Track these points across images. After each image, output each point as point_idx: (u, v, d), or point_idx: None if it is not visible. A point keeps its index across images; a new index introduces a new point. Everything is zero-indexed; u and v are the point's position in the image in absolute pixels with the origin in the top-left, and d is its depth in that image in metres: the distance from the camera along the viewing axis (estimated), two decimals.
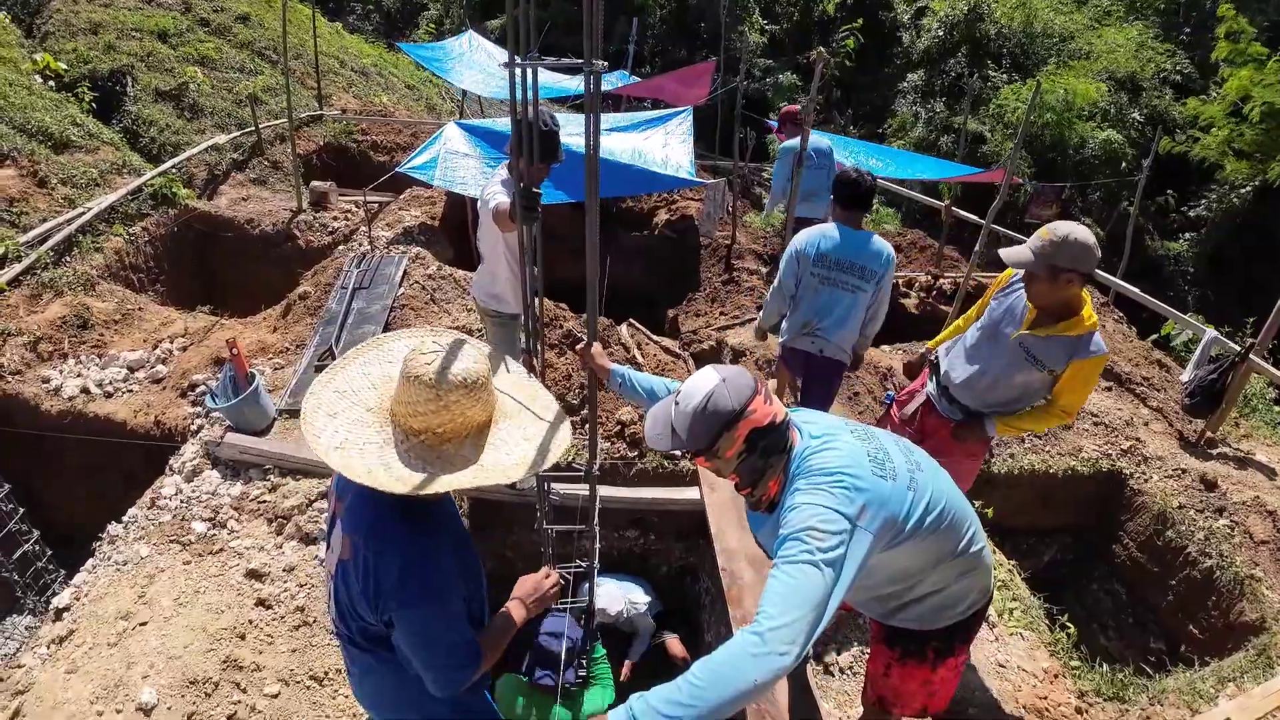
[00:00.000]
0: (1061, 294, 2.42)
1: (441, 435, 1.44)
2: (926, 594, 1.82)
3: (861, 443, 1.66)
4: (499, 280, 3.14)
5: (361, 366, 1.61)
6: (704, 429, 1.57)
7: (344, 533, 1.56)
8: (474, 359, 1.48)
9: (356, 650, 1.67)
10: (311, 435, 1.44)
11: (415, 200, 6.64)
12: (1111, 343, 6.57)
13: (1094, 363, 2.50)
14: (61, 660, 2.84)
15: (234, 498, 3.49)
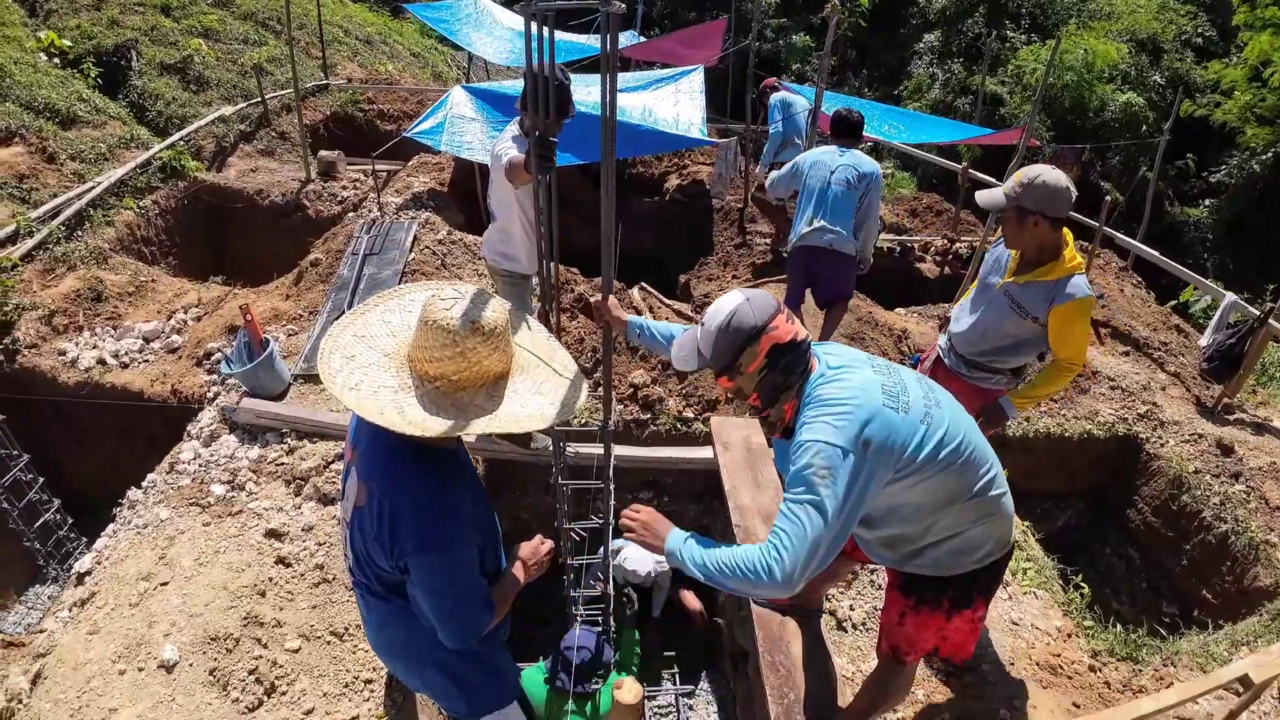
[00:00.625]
0: (1032, 237, 2.46)
1: (457, 383, 1.44)
2: (942, 538, 1.80)
3: (878, 375, 1.69)
4: (512, 239, 3.11)
5: (381, 314, 1.60)
6: (728, 345, 1.65)
7: (359, 479, 1.56)
8: (494, 308, 1.47)
9: (373, 598, 1.68)
10: (327, 375, 1.44)
11: (424, 167, 6.60)
12: (1130, 307, 6.48)
13: (1074, 306, 2.47)
14: (83, 622, 2.88)
15: (252, 461, 3.52)
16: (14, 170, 5.79)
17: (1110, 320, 6.25)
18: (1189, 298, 7.23)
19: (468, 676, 1.78)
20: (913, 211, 8.02)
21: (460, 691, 1.79)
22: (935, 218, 7.84)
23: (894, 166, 11.45)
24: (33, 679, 2.68)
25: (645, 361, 4.21)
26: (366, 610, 1.75)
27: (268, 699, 2.63)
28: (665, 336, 2.11)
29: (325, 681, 2.69)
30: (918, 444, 1.62)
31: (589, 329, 4.24)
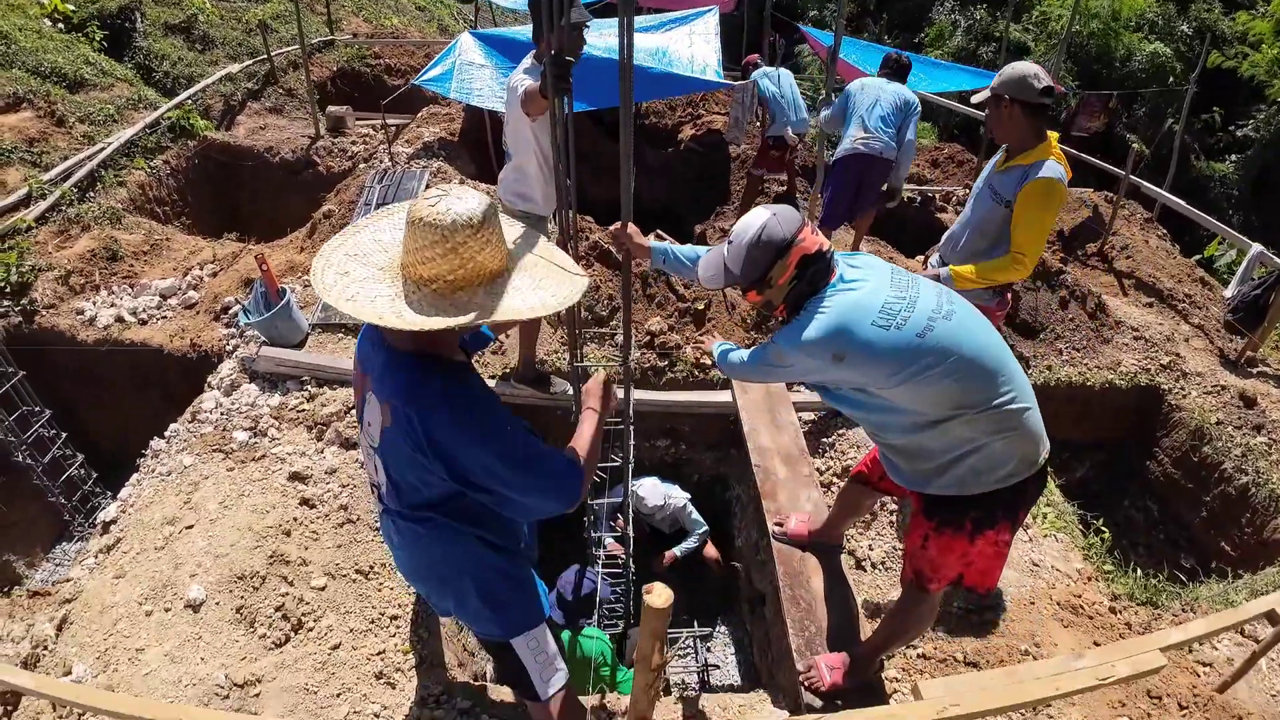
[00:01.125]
0: (1010, 123, 2.67)
1: (453, 282, 1.40)
2: (962, 453, 1.79)
3: (890, 290, 1.75)
4: (528, 177, 3.06)
5: (372, 233, 1.57)
6: (759, 259, 1.74)
7: (381, 401, 1.54)
8: (478, 200, 1.43)
9: (407, 522, 1.68)
10: (322, 289, 1.41)
11: (433, 118, 6.53)
12: (1155, 259, 6.36)
13: (1041, 184, 2.61)
14: (109, 567, 2.91)
15: (273, 408, 3.54)
16: (24, 135, 5.77)
17: (1134, 271, 6.14)
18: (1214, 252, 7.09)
19: (500, 593, 1.79)
20: (934, 162, 7.85)
21: (493, 609, 1.80)
22: (957, 168, 7.67)
23: None
24: (58, 625, 2.72)
25: (662, 309, 4.17)
26: (399, 535, 1.75)
27: (295, 634, 2.68)
28: (690, 259, 2.14)
29: (352, 618, 2.73)
30: (910, 354, 1.70)
31: (605, 276, 4.20)
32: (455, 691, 2.53)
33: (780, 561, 2.62)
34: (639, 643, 1.45)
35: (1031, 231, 2.67)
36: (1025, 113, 2.63)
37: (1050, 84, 2.61)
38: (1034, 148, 2.68)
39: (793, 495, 2.84)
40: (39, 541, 4.48)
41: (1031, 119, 2.65)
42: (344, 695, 2.50)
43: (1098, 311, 5.21)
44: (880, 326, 1.69)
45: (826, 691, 2.27)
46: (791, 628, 2.48)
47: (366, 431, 1.66)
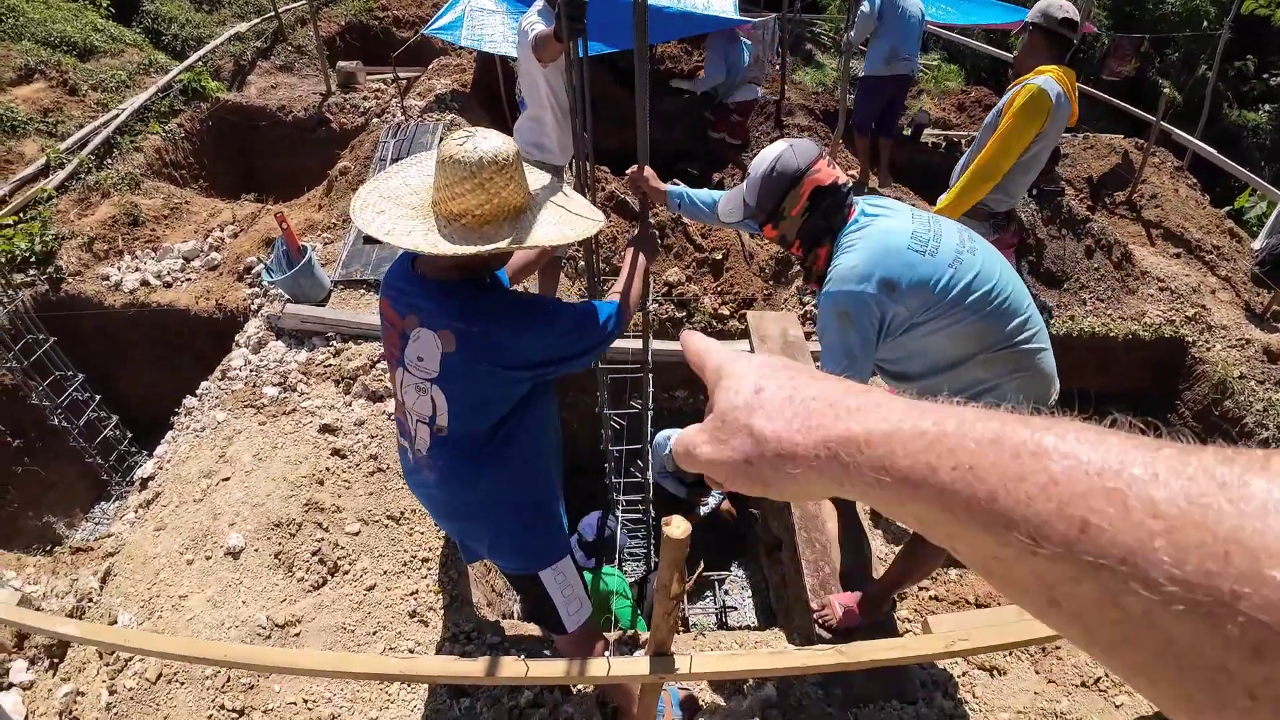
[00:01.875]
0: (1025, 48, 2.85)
1: (481, 216, 1.52)
2: (975, 393, 1.82)
3: (913, 223, 1.75)
4: (544, 126, 3.04)
5: (403, 178, 1.68)
6: (773, 189, 1.76)
7: (436, 330, 1.63)
8: (504, 140, 1.55)
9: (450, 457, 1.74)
10: (362, 223, 1.55)
11: (445, 69, 6.45)
12: (1184, 208, 6.20)
13: (1022, 91, 2.72)
14: (150, 520, 3.03)
15: (300, 363, 3.63)
16: (38, 105, 5.80)
17: (1163, 221, 6.00)
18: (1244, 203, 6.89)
19: (533, 525, 1.88)
20: (960, 105, 7.65)
21: (525, 540, 1.89)
22: (984, 112, 7.44)
23: (940, 58, 10.82)
24: (102, 578, 2.84)
25: (680, 260, 4.17)
26: (439, 474, 1.80)
27: (331, 577, 2.80)
28: (705, 203, 2.15)
29: (385, 561, 2.85)
30: (944, 285, 1.69)
31: (622, 227, 4.20)
32: (485, 628, 2.65)
33: (797, 506, 2.68)
34: (659, 572, 1.52)
35: (1001, 134, 2.76)
36: (1044, 40, 2.74)
37: (1071, 16, 2.65)
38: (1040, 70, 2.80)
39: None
40: (78, 502, 4.63)
41: (1049, 48, 2.75)
42: (379, 633, 2.63)
43: (1124, 261, 5.13)
44: (917, 251, 1.70)
45: (839, 628, 2.35)
46: (806, 569, 2.55)
47: (416, 368, 1.69)
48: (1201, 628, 0.24)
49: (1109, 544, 0.26)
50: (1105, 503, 0.26)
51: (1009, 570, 0.30)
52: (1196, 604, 0.24)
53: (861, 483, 0.36)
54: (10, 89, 5.92)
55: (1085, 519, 0.27)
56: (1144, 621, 0.25)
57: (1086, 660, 2.60)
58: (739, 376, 0.45)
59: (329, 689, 2.43)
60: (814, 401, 0.40)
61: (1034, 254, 5.09)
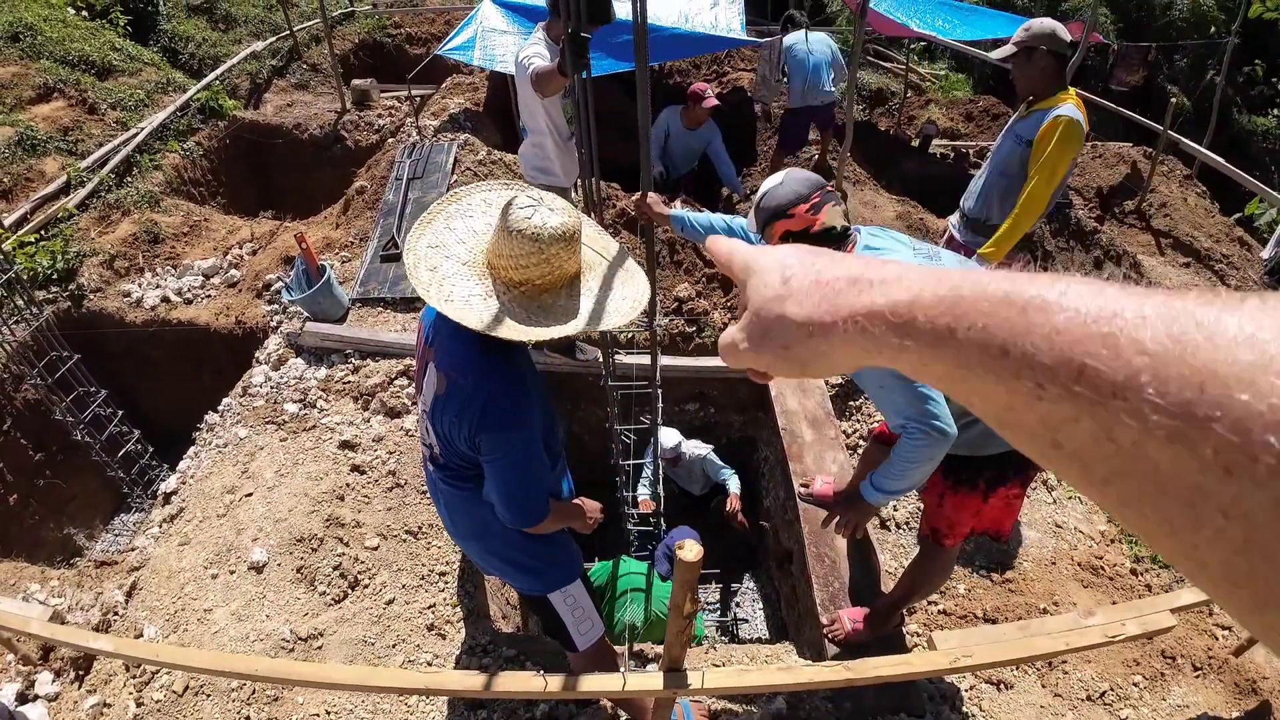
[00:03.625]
0: (1041, 73, 2.82)
1: (540, 286, 1.53)
2: (975, 417, 1.84)
3: (918, 258, 1.79)
4: (546, 152, 3.11)
5: (445, 220, 1.68)
6: (758, 220, 1.83)
7: (439, 371, 1.68)
8: (569, 212, 1.54)
9: (452, 485, 1.83)
10: (422, 289, 1.53)
11: (458, 88, 6.55)
12: (1193, 217, 6.19)
13: (1062, 121, 2.76)
14: (174, 535, 3.11)
15: (320, 380, 3.72)
16: (58, 124, 5.91)
17: (1172, 230, 5.99)
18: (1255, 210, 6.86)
19: (538, 552, 1.94)
20: (968, 115, 7.67)
21: (531, 568, 1.95)
22: (992, 121, 7.49)
23: (948, 68, 10.84)
24: (128, 591, 2.91)
25: (690, 275, 4.24)
26: (447, 497, 1.90)
27: (352, 591, 2.87)
28: (705, 226, 2.24)
29: (403, 575, 2.92)
30: None
31: (632, 244, 4.27)
32: (501, 641, 2.71)
33: (806, 521, 2.73)
34: (671, 592, 1.58)
35: (1047, 167, 2.79)
36: (1055, 63, 2.81)
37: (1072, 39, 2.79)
38: (1056, 95, 2.84)
39: (818, 458, 2.93)
40: (98, 514, 4.71)
41: (1058, 70, 2.84)
42: (399, 646, 2.70)
43: (1132, 272, 5.13)
44: None
45: (848, 642, 2.40)
46: (816, 583, 2.60)
47: (423, 397, 1.79)
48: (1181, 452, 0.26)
49: (1103, 382, 0.29)
50: (1100, 346, 0.29)
51: (1019, 418, 0.33)
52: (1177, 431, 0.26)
53: (889, 350, 0.39)
54: (30, 107, 6.03)
55: (1083, 362, 0.29)
56: (1133, 453, 0.28)
57: (1093, 674, 2.63)
58: (767, 270, 0.47)
59: (351, 701, 2.50)
60: (839, 280, 0.43)
61: (1043, 267, 5.12)
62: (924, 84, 9.62)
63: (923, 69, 10.38)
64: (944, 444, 1.74)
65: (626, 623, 2.64)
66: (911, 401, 1.70)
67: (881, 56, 10.40)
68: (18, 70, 6.25)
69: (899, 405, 1.73)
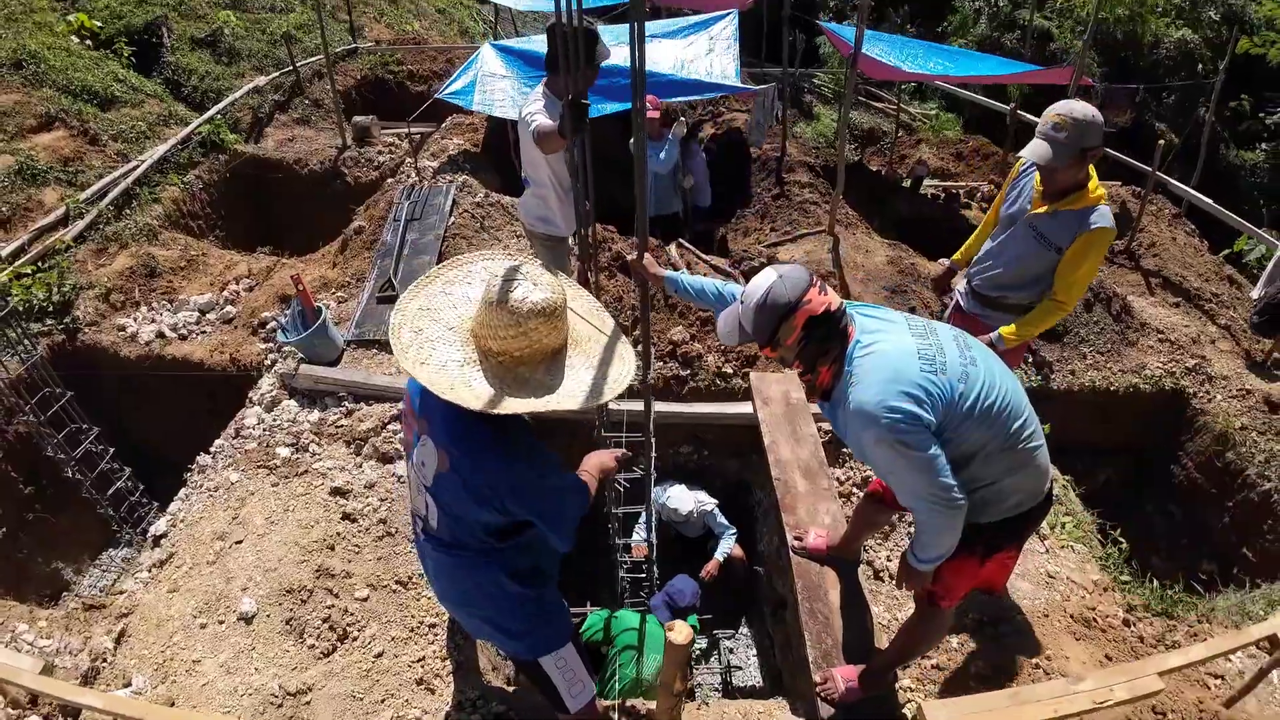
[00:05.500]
0: (1083, 173, 2.51)
1: (519, 359, 1.54)
2: (973, 488, 1.86)
3: (915, 339, 1.79)
4: (548, 203, 3.16)
5: (443, 285, 1.70)
6: (766, 320, 1.79)
7: (438, 447, 1.67)
8: (553, 289, 1.56)
9: (444, 553, 1.82)
10: (399, 350, 1.54)
11: (457, 128, 6.64)
12: (1182, 256, 6.28)
13: (1098, 234, 2.52)
14: (163, 582, 3.07)
15: (313, 424, 3.71)
16: (58, 154, 5.90)
17: (1161, 269, 6.08)
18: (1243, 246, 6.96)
19: (528, 619, 1.93)
20: (958, 155, 7.80)
21: (520, 634, 1.94)
22: (982, 161, 7.61)
23: (939, 108, 11.06)
24: (116, 638, 2.87)
25: (684, 318, 4.26)
26: (437, 564, 1.89)
27: (341, 644, 2.84)
28: (696, 289, 2.27)
29: (393, 627, 2.89)
30: (956, 402, 1.74)
31: (627, 287, 4.30)
32: (490, 696, 2.68)
33: (799, 575, 2.72)
34: (662, 669, 1.57)
35: (1083, 277, 2.61)
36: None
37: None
38: (1085, 187, 2.54)
39: (811, 509, 2.93)
40: (86, 548, 4.63)
41: None
42: (388, 700, 2.66)
43: (1123, 313, 5.19)
44: (928, 372, 1.73)
45: (841, 702, 2.38)
46: (809, 640, 2.58)
47: (419, 470, 1.78)
48: None
49: None
50: None
51: None
52: None
53: None
54: (31, 136, 6.02)
55: None
56: None
57: None
58: None
59: None
60: None
61: None
62: (915, 123, 9.81)
63: (913, 109, 10.60)
64: (960, 513, 1.79)
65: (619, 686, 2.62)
66: (921, 479, 1.74)
67: (873, 97, 10.62)
68: (20, 98, 6.26)
69: (910, 485, 1.78)
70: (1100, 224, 2.50)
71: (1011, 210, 2.77)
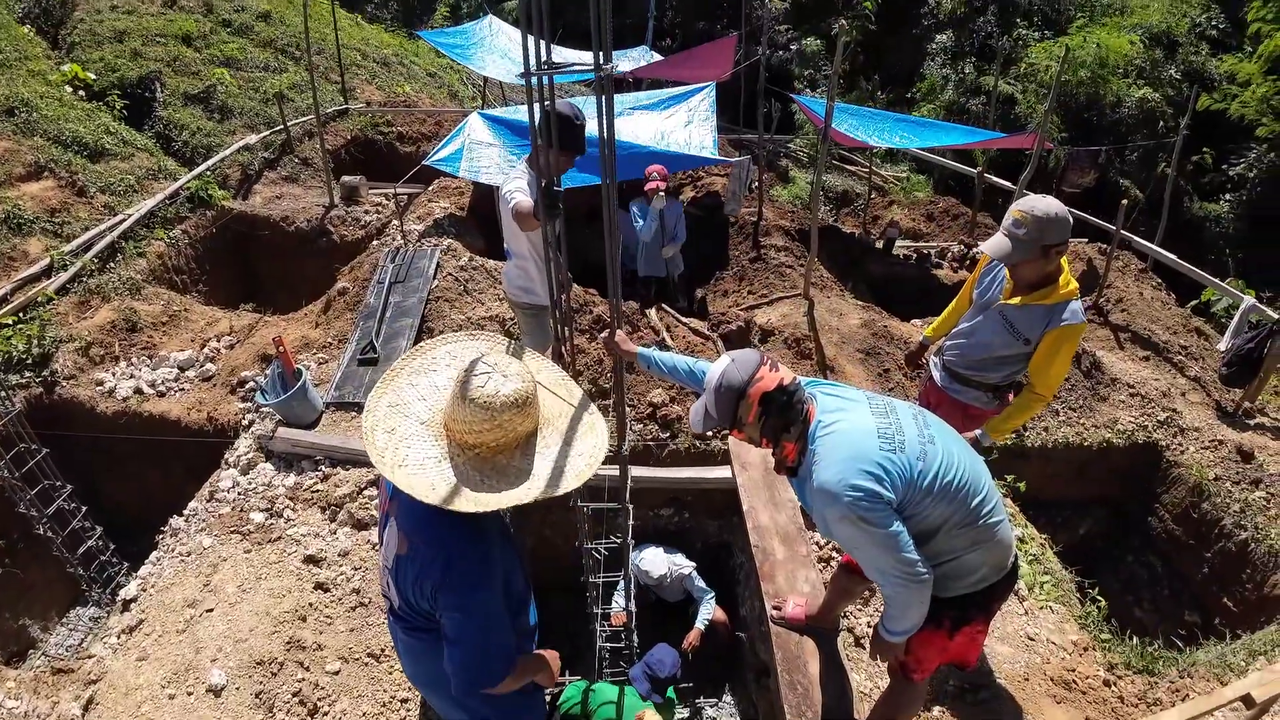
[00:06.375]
0: (1049, 267, 2.52)
1: (494, 448, 1.56)
2: (938, 562, 1.90)
3: (875, 418, 1.85)
4: (529, 274, 3.23)
5: (409, 376, 1.72)
6: (725, 402, 1.87)
7: (400, 531, 1.68)
8: (522, 377, 1.57)
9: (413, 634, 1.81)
10: (376, 455, 1.54)
11: (444, 191, 6.75)
12: (1150, 310, 6.45)
13: (1068, 330, 2.55)
14: (132, 649, 3.02)
15: (288, 488, 3.67)
16: (45, 204, 5.91)
17: (1130, 324, 6.24)
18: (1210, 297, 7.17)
19: (505, 707, 1.89)
20: (929, 215, 8.04)
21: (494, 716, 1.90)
22: (952, 221, 7.84)
23: (909, 170, 11.45)
24: (84, 705, 2.81)
25: (663, 381, 4.30)
26: (406, 644, 1.87)
27: (311, 719, 2.76)
28: (669, 367, 2.34)
29: (364, 702, 2.82)
30: (914, 480, 1.79)
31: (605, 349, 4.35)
32: None
33: (778, 646, 2.69)
34: None
35: (1057, 371, 2.63)
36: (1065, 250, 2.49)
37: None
38: (1055, 282, 2.55)
39: (790, 576, 2.92)
40: (55, 605, 4.55)
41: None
42: None
43: (1093, 370, 5.30)
44: (887, 450, 1.78)
45: None
46: (789, 712, 2.54)
47: (385, 550, 1.79)
48: None
49: None
50: None
51: None
52: None
53: None
54: (19, 185, 6.01)
55: None
56: None
57: None
58: None
59: None
60: None
61: None
62: (887, 186, 10.15)
63: (885, 171, 10.97)
64: (925, 587, 1.83)
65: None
66: (885, 556, 1.78)
67: (846, 160, 11.00)
68: (9, 146, 6.27)
69: (875, 561, 1.82)
70: (1070, 321, 2.53)
71: (984, 298, 2.81)
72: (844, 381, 4.71)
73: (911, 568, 1.78)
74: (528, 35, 1.73)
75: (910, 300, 6.37)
